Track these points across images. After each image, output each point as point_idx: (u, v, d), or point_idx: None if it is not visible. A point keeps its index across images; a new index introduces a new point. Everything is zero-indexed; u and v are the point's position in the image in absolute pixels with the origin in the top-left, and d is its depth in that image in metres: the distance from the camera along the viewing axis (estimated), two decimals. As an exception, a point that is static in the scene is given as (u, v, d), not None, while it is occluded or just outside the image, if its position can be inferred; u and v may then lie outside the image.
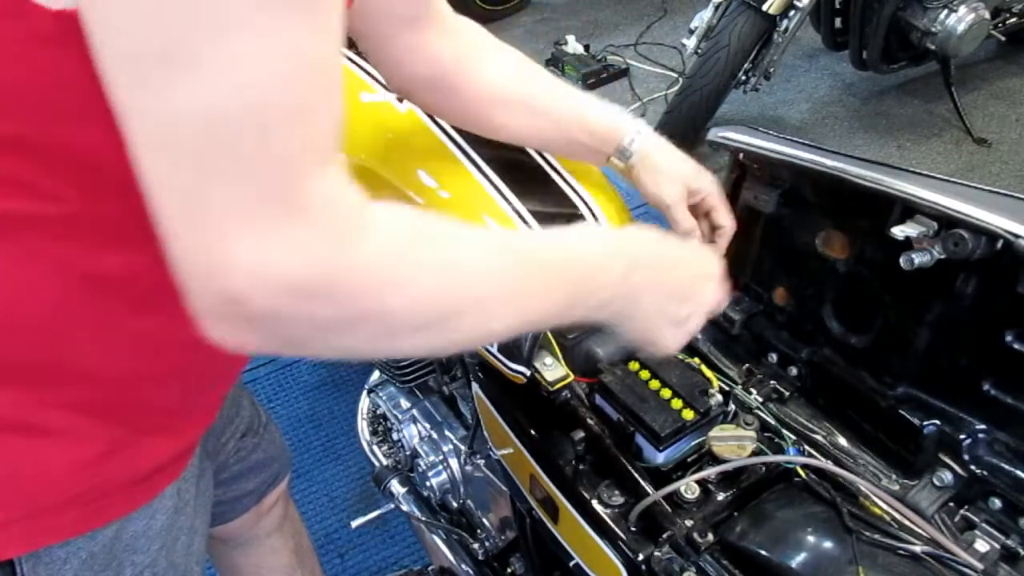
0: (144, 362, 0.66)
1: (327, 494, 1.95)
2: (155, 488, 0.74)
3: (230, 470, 1.08)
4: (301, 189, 0.45)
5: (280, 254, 0.45)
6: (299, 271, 0.46)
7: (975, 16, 2.69)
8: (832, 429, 0.94)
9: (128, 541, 0.73)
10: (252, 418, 1.10)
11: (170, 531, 0.77)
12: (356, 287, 0.48)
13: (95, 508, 0.69)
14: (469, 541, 1.33)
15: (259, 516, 1.20)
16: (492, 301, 0.55)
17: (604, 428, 0.90)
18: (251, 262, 0.45)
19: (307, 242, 0.45)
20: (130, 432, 0.69)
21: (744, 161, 1.01)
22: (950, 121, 3.02)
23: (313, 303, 0.47)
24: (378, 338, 0.51)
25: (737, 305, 1.05)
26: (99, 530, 0.70)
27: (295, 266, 0.45)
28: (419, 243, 0.51)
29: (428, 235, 0.52)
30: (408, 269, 0.50)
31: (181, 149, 0.43)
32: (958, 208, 0.75)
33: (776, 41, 2.58)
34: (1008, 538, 0.77)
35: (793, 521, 0.80)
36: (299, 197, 0.45)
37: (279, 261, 0.45)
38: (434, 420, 1.38)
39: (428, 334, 0.52)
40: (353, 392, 2.13)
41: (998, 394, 0.80)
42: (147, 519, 0.74)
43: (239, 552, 1.25)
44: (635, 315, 0.67)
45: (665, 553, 0.81)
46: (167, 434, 0.74)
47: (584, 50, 3.47)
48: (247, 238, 0.44)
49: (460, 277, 0.53)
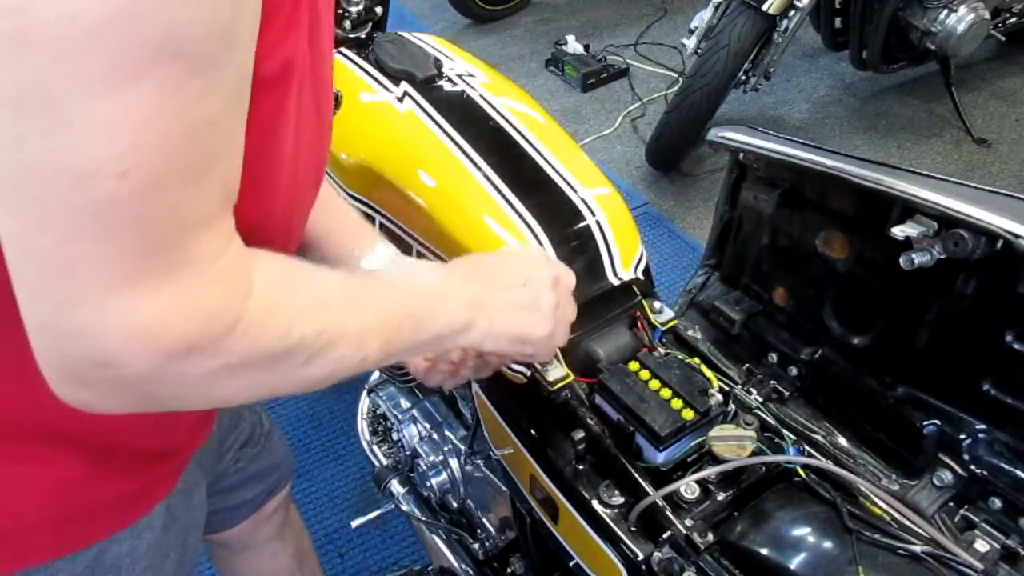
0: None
1: (327, 494, 1.95)
2: (141, 509, 0.73)
3: (229, 479, 1.07)
4: (184, 247, 0.44)
5: (160, 314, 0.43)
6: (182, 329, 0.44)
7: (975, 16, 2.69)
8: (832, 429, 0.94)
9: (111, 563, 0.71)
10: (253, 427, 1.09)
11: (158, 549, 0.76)
12: (243, 337, 0.47)
13: (74, 530, 0.68)
14: (469, 541, 1.33)
15: (259, 522, 1.19)
16: (357, 332, 0.56)
17: (604, 428, 0.90)
18: (127, 324, 0.43)
19: (190, 300, 0.44)
20: (108, 458, 0.67)
21: (744, 161, 1.01)
22: (950, 121, 3.02)
23: (196, 358, 0.46)
24: (259, 383, 0.51)
25: (737, 305, 1.05)
26: (79, 553, 0.68)
27: (177, 325, 0.44)
28: (291, 286, 0.52)
29: (296, 277, 0.53)
30: (288, 312, 0.51)
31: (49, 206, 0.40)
32: (958, 208, 0.75)
33: (776, 41, 2.58)
34: (1008, 538, 0.77)
35: (793, 521, 0.80)
36: (181, 255, 0.44)
37: (160, 321, 0.43)
38: (434, 420, 1.38)
39: (307, 370, 0.53)
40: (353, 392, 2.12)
41: (998, 394, 0.80)
42: (133, 539, 0.72)
43: (239, 557, 1.25)
44: (494, 318, 0.70)
45: (665, 553, 0.81)
46: (151, 456, 0.72)
47: (584, 50, 3.47)
48: (121, 299, 0.42)
49: (330, 314, 0.54)
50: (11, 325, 0.55)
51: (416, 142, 1.10)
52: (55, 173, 0.39)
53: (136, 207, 0.41)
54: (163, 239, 0.43)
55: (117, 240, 0.41)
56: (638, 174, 2.91)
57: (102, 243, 0.41)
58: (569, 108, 3.28)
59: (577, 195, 1.02)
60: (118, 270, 0.42)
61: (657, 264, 2.53)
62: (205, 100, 0.42)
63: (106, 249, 0.41)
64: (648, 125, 3.05)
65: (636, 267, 1.01)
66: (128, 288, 0.42)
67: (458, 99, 1.16)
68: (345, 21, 1.33)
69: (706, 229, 1.15)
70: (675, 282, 2.44)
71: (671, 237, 2.64)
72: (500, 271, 0.75)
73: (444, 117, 1.11)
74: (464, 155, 1.06)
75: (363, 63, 1.25)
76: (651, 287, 1.02)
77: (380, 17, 1.42)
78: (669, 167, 2.87)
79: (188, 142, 0.42)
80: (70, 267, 0.41)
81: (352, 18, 1.34)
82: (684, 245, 2.60)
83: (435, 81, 1.19)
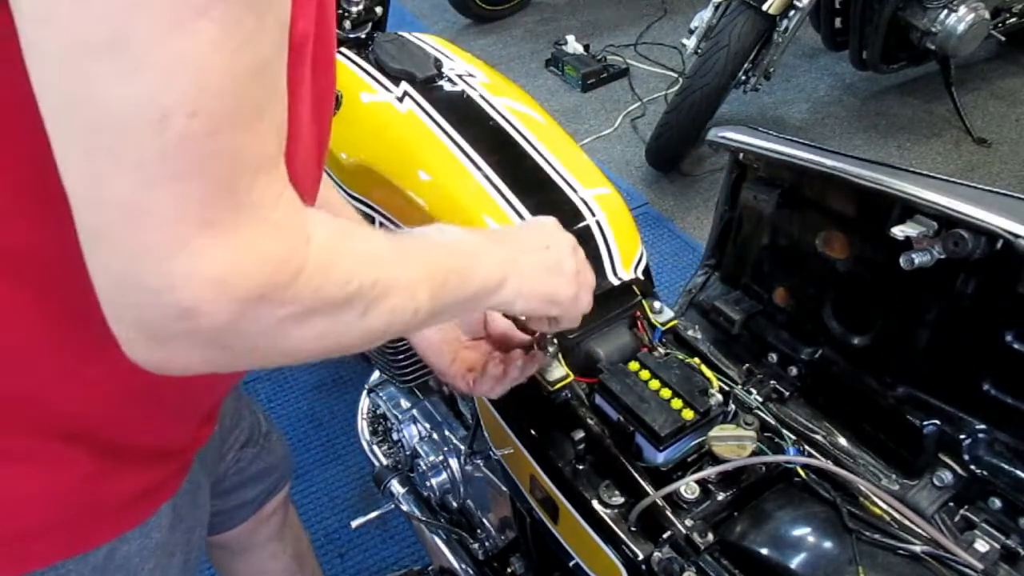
0: (113, 401, 0.64)
1: (327, 494, 1.95)
2: (148, 508, 0.73)
3: (230, 480, 1.07)
4: (249, 191, 0.44)
5: (232, 261, 0.43)
6: (254, 276, 0.44)
7: (975, 16, 2.69)
8: (832, 429, 0.94)
9: (120, 562, 0.72)
10: (253, 428, 1.09)
11: (165, 548, 0.76)
12: (308, 284, 0.48)
13: (84, 531, 0.68)
14: (469, 541, 1.33)
15: (259, 523, 1.19)
16: (408, 283, 0.57)
17: (604, 428, 0.90)
18: (203, 272, 0.43)
19: (258, 246, 0.45)
20: (116, 454, 0.68)
21: (744, 161, 1.01)
22: (950, 121, 3.02)
23: (268, 306, 0.46)
24: (324, 333, 0.51)
25: (737, 305, 1.05)
26: (90, 552, 0.69)
27: (249, 271, 0.44)
28: (345, 236, 0.53)
29: (347, 228, 0.54)
30: (346, 261, 0.51)
31: (122, 152, 0.40)
32: (958, 208, 0.75)
33: (776, 41, 2.58)
34: (1008, 538, 0.77)
35: (793, 521, 0.80)
36: (248, 200, 0.44)
37: (233, 268, 0.43)
38: (434, 420, 1.38)
39: (366, 320, 0.53)
40: (353, 392, 2.13)
41: (998, 394, 0.80)
42: (142, 538, 0.73)
43: (239, 558, 1.25)
44: (524, 277, 0.71)
45: (665, 553, 0.81)
46: (158, 454, 0.73)
47: (584, 50, 3.47)
48: (196, 247, 0.42)
49: (382, 264, 0.55)
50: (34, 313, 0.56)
51: (416, 142, 1.10)
52: (128, 117, 0.40)
53: (206, 148, 0.42)
54: (231, 182, 0.43)
55: (189, 184, 0.42)
56: (638, 174, 2.91)
57: (175, 187, 0.42)
58: (569, 108, 3.28)
59: (577, 195, 1.02)
60: (191, 216, 0.42)
61: (657, 264, 2.53)
62: (259, 39, 0.43)
63: (179, 194, 0.42)
64: (648, 125, 3.04)
65: (636, 267, 1.01)
66: (201, 235, 0.43)
67: (458, 99, 1.16)
68: (345, 21, 1.33)
69: (706, 229, 1.15)
70: (675, 282, 2.44)
71: (671, 237, 2.64)
72: (523, 236, 0.76)
73: (444, 117, 1.11)
74: (464, 155, 1.06)
75: (363, 63, 1.25)
76: (651, 287, 1.02)
77: (380, 17, 1.42)
78: (669, 167, 2.87)
79: (247, 81, 0.43)
80: (145, 215, 0.42)
81: (352, 18, 1.34)
82: (684, 245, 2.60)
83: (435, 81, 1.19)
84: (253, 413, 1.11)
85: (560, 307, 0.75)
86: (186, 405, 0.75)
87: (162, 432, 0.73)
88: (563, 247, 0.77)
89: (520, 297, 0.71)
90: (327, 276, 0.49)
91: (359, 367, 2.19)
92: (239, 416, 1.06)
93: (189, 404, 0.76)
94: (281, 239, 0.46)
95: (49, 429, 0.63)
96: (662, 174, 2.89)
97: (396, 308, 0.56)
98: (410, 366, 1.36)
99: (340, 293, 0.51)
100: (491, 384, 0.86)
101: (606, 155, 3.01)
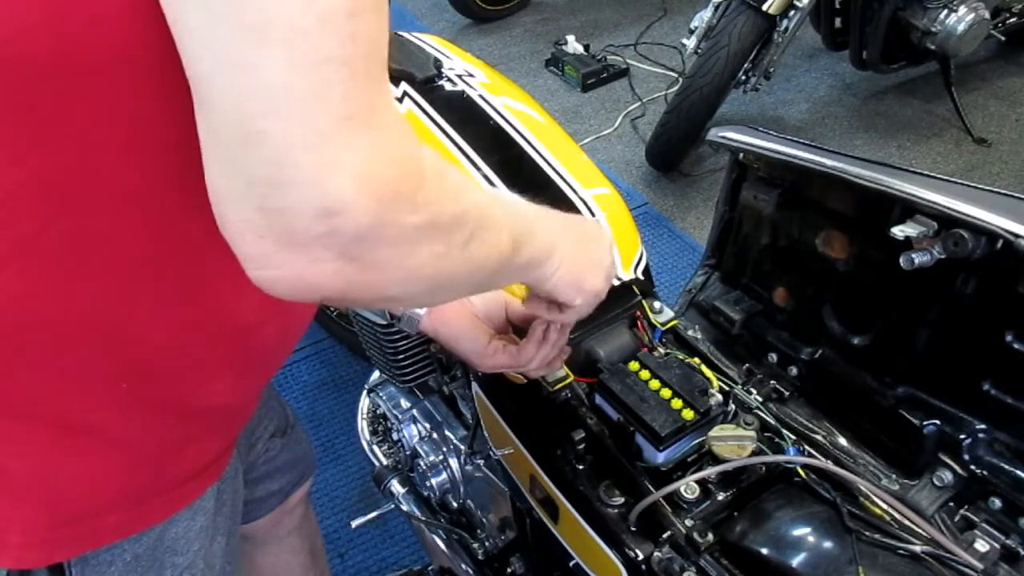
0: (198, 348, 0.64)
1: (327, 494, 1.95)
2: (197, 489, 0.74)
3: (258, 470, 1.08)
4: (379, 88, 0.45)
5: (370, 156, 0.44)
6: (389, 173, 0.45)
7: (975, 16, 2.69)
8: (832, 429, 0.94)
9: (170, 543, 0.73)
10: (281, 418, 1.11)
11: (209, 532, 0.78)
12: (431, 191, 0.49)
13: (141, 512, 0.69)
14: (469, 541, 1.33)
15: (282, 515, 1.20)
16: (500, 221, 0.59)
17: (604, 428, 0.90)
18: (347, 166, 0.43)
19: (389, 144, 0.45)
20: (177, 432, 0.69)
21: (744, 161, 1.01)
22: (950, 121, 3.02)
23: (404, 208, 0.47)
24: (441, 255, 0.52)
25: (737, 305, 1.05)
26: (144, 532, 0.70)
27: (384, 168, 0.45)
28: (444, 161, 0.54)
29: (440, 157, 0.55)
30: (452, 179, 0.52)
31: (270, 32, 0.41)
32: (958, 208, 0.75)
33: (776, 41, 2.58)
34: (1008, 538, 0.77)
35: (793, 521, 0.80)
36: (379, 99, 0.45)
37: (370, 164, 0.44)
38: (434, 420, 1.38)
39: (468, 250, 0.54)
40: (353, 392, 2.13)
41: (998, 394, 0.80)
42: (188, 520, 0.74)
43: (260, 550, 1.26)
44: (564, 259, 0.72)
45: (665, 553, 0.81)
46: (211, 433, 0.74)
47: (584, 50, 3.47)
48: (340, 140, 0.43)
49: (476, 195, 0.56)
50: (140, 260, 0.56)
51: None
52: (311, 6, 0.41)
53: (346, 28, 0.42)
54: (367, 69, 0.44)
55: (332, 69, 0.42)
56: (638, 174, 2.91)
57: (320, 72, 0.42)
58: (569, 108, 3.28)
59: (577, 195, 1.02)
60: (333, 107, 0.43)
61: (657, 264, 2.53)
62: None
63: (323, 80, 0.42)
64: (648, 125, 3.04)
65: (636, 267, 1.01)
66: (342, 129, 0.43)
67: (458, 99, 1.16)
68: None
69: (706, 229, 1.15)
70: (675, 282, 2.44)
71: (671, 237, 2.64)
72: (571, 221, 0.78)
73: (444, 117, 1.11)
74: (464, 155, 1.06)
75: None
76: (651, 287, 1.02)
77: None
78: (669, 167, 2.87)
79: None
80: (294, 102, 0.42)
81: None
82: (684, 245, 2.60)
83: (435, 81, 1.19)
84: (281, 404, 1.12)
85: (583, 296, 0.76)
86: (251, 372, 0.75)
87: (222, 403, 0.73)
88: (605, 244, 0.79)
89: (556, 276, 0.72)
90: (442, 188, 0.50)
91: (359, 367, 2.19)
92: (268, 405, 1.07)
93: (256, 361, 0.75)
94: (405, 142, 0.47)
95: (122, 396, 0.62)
96: (662, 174, 2.89)
97: (492, 244, 0.57)
98: (410, 366, 1.36)
99: (454, 208, 0.52)
100: (535, 347, 0.86)
101: (606, 155, 3.01)
